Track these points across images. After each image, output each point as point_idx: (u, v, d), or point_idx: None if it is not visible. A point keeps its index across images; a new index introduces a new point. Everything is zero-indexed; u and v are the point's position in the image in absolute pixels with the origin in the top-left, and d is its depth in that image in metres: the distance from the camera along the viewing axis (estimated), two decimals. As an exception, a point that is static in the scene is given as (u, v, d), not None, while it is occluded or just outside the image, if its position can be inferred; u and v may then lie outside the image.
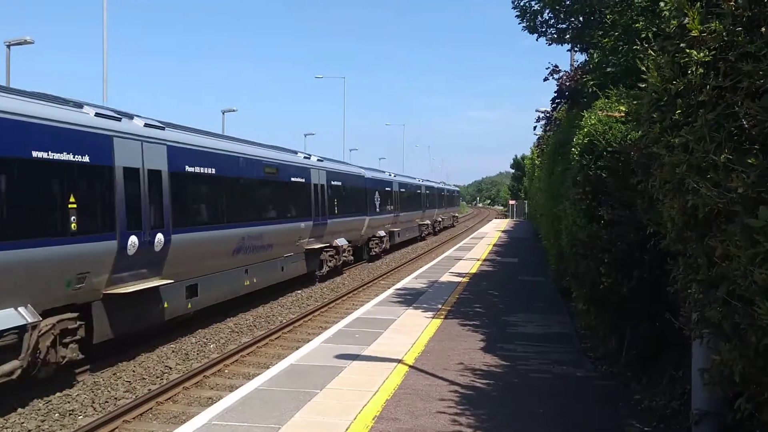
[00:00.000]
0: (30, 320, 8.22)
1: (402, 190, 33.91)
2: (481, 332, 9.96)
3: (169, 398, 8.85)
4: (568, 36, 12.58)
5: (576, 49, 14.69)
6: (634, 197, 6.14)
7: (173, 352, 11.47)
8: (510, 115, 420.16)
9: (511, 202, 78.47)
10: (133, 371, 10.16)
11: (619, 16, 10.63)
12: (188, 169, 12.45)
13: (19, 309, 8.17)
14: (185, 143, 12.54)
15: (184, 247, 11.93)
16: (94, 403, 8.67)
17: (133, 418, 8.05)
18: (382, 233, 27.93)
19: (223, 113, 29.88)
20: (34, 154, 8.56)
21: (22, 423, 7.88)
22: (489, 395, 6.77)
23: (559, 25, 12.44)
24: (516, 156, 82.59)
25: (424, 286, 15.31)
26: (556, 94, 14.87)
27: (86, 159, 9.52)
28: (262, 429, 5.71)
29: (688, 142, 3.59)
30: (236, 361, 10.89)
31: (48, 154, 8.80)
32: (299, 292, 18.78)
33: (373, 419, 5.95)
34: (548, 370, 7.85)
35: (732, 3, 3.45)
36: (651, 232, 5.06)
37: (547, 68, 14.28)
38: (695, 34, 3.60)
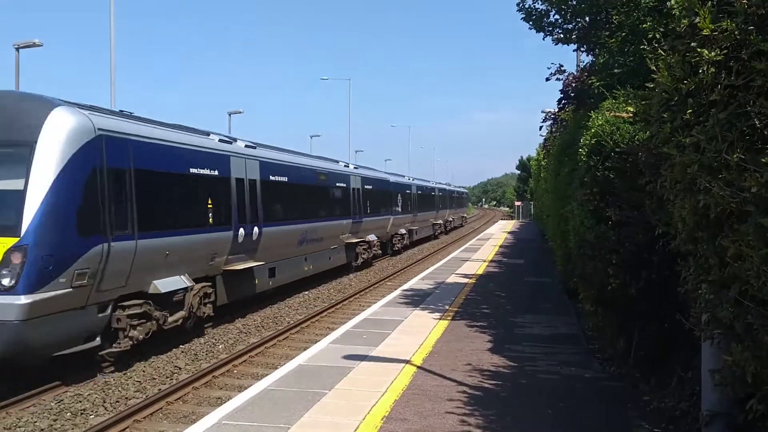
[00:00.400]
0: (189, 284, 11.69)
1: (419, 192, 37.28)
2: (489, 333, 9.96)
3: (179, 398, 8.89)
4: (574, 36, 12.55)
5: (582, 49, 14.66)
6: (643, 198, 6.12)
7: (182, 352, 11.51)
8: (515, 116, 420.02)
9: (517, 203, 78.28)
10: (143, 371, 10.20)
11: (626, 17, 10.61)
12: (272, 178, 15.98)
13: (182, 276, 11.61)
14: (269, 158, 16.25)
15: (270, 238, 15.31)
16: (105, 402, 8.71)
17: (144, 418, 8.08)
18: (403, 231, 31.36)
19: (230, 115, 30.02)
20: (191, 170, 12.17)
21: (35, 422, 7.94)
22: (497, 396, 6.77)
23: (566, 26, 12.42)
24: (522, 157, 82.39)
25: (431, 287, 15.30)
26: (562, 95, 14.85)
27: (216, 173, 13.10)
28: (271, 429, 5.73)
29: (699, 141, 3.58)
30: (245, 361, 10.92)
31: (197, 170, 12.39)
32: (306, 293, 18.83)
33: (381, 419, 5.96)
34: (556, 371, 7.84)
35: (744, 1, 3.44)
36: (660, 232, 5.04)
37: (549, 68, 14.25)
38: (706, 33, 3.59)
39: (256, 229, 14.63)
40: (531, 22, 12.53)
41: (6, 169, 8.85)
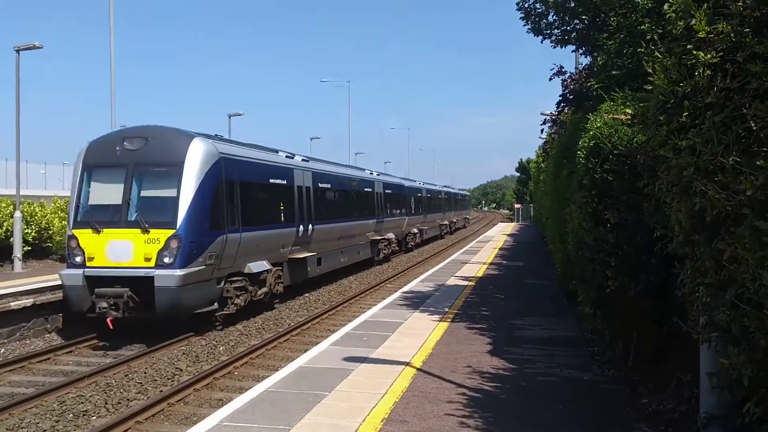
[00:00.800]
0: (269, 267, 15.15)
1: (428, 195, 41.41)
2: (488, 335, 9.97)
3: (180, 399, 8.90)
4: (573, 38, 12.57)
5: (581, 51, 14.69)
6: (641, 200, 6.14)
7: (184, 354, 11.53)
8: (515, 118, 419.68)
9: (517, 205, 78.26)
10: (145, 373, 10.23)
11: (624, 19, 10.63)
12: (319, 185, 19.84)
13: (265, 261, 14.99)
14: (318, 169, 20.34)
15: (319, 233, 19.00)
16: (107, 404, 8.74)
17: (146, 419, 8.10)
18: (415, 230, 35.28)
19: (230, 117, 30.01)
20: (270, 181, 16.12)
21: (38, 423, 7.96)
22: (497, 398, 6.78)
23: (564, 27, 12.42)
24: (521, 159, 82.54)
25: (431, 289, 15.32)
26: (561, 98, 14.86)
27: (284, 182, 16.98)
28: (271, 431, 5.74)
29: (695, 144, 3.59)
30: (246, 363, 10.93)
31: (274, 181, 16.31)
32: (307, 295, 18.85)
33: (381, 421, 5.97)
34: (555, 373, 7.85)
35: (740, 3, 3.46)
36: (658, 235, 5.06)
37: (552, 69, 14.28)
38: (702, 36, 3.60)
39: (310, 226, 18.38)
40: (529, 23, 12.55)
41: (164, 182, 12.53)
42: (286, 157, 18.32)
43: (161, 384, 9.73)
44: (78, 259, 12.32)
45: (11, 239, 16.93)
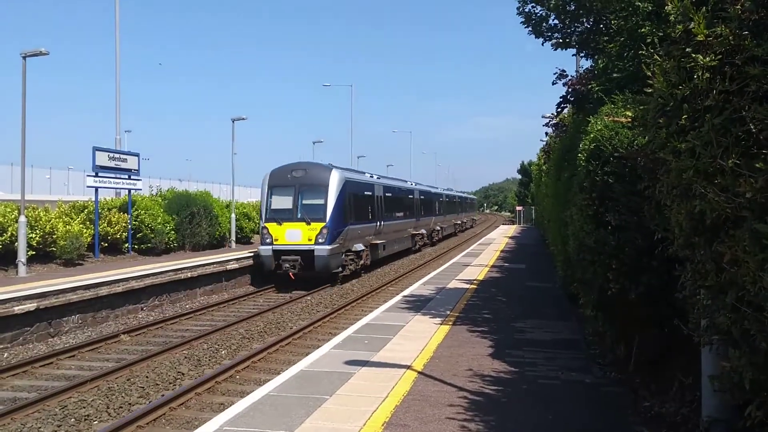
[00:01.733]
0: (363, 248, 23.61)
1: (447, 199, 51.21)
2: (490, 338, 9.95)
3: (182, 404, 8.91)
4: (573, 40, 12.56)
5: (582, 54, 14.67)
6: (642, 203, 6.13)
7: (186, 358, 11.54)
8: (517, 121, 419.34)
9: (518, 208, 78.38)
10: (147, 377, 10.23)
11: (625, 22, 10.62)
12: (386, 194, 28.36)
13: (361, 244, 23.47)
14: (385, 183, 29.20)
15: (386, 228, 27.54)
16: (108, 408, 8.75)
17: (147, 424, 8.10)
18: (438, 227, 43.75)
19: (233, 121, 29.91)
20: (364, 192, 24.91)
21: (39, 428, 7.98)
22: (498, 401, 6.76)
23: (565, 30, 12.41)
24: (523, 162, 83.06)
25: (433, 292, 15.30)
26: (561, 99, 14.84)
27: (370, 193, 25.61)
28: (272, 435, 5.74)
29: (694, 147, 3.59)
30: (247, 367, 10.94)
31: (365, 192, 25.09)
32: (308, 298, 18.85)
33: (382, 425, 5.96)
34: (556, 376, 7.83)
35: (738, 6, 3.46)
36: (659, 237, 5.05)
37: (555, 73, 14.23)
38: (701, 39, 3.60)
39: (382, 222, 27.07)
40: (530, 27, 12.55)
41: (317, 195, 21.23)
42: (369, 175, 27.97)
43: (163, 388, 9.74)
44: (268, 240, 21.18)
45: (16, 244, 16.96)
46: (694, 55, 3.66)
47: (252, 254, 22.46)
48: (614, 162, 7.15)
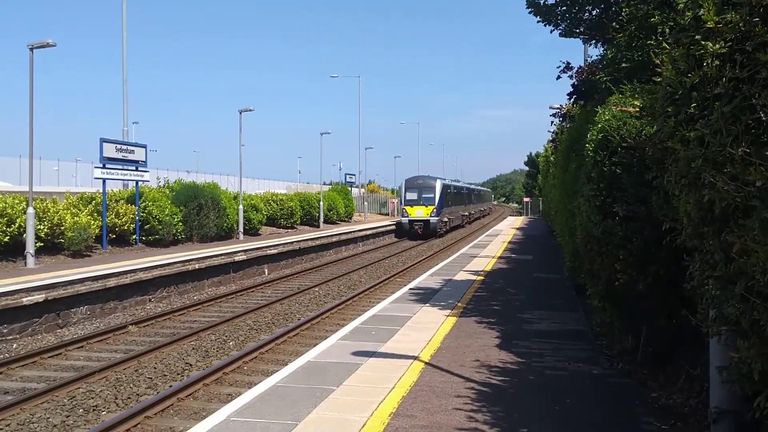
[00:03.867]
0: (448, 219, 45.66)
1: (475, 192, 70.82)
2: (497, 329, 9.94)
3: (190, 395, 8.95)
4: (582, 28, 12.44)
5: (591, 43, 14.52)
6: (650, 193, 6.07)
7: (194, 349, 11.60)
8: (524, 112, 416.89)
9: (526, 199, 78.58)
10: (155, 368, 10.30)
11: (635, 10, 10.50)
12: (453, 191, 50.46)
13: (447, 217, 45.22)
14: (454, 184, 56.01)
15: (449, 213, 45.70)
16: (116, 399, 8.81)
17: (155, 414, 8.15)
18: (470, 212, 59.43)
19: (240, 113, 29.92)
20: (446, 191, 45.77)
21: (48, 418, 8.04)
22: (505, 392, 6.76)
23: (574, 17, 12.25)
24: (530, 153, 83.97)
25: (440, 283, 15.30)
26: (572, 89, 14.71)
27: (453, 191, 50.43)
28: (279, 425, 5.76)
29: (703, 135, 3.53)
30: (255, 358, 10.98)
31: (448, 190, 46.73)
32: (316, 289, 18.91)
33: (389, 416, 5.97)
34: (564, 367, 7.81)
35: (749, -8, 3.40)
36: (667, 227, 5.01)
37: (558, 67, 14.09)
38: (711, 26, 3.54)
39: (445, 209, 43.55)
40: (539, 15, 12.44)
41: (430, 192, 41.91)
42: (451, 180, 54.87)
43: (171, 379, 9.80)
44: (405, 215, 41.47)
45: (24, 235, 17.08)
46: (703, 43, 3.60)
47: (265, 245, 22.65)
48: (622, 152, 7.09)
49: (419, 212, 40.81)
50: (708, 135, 3.51)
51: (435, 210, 40.89)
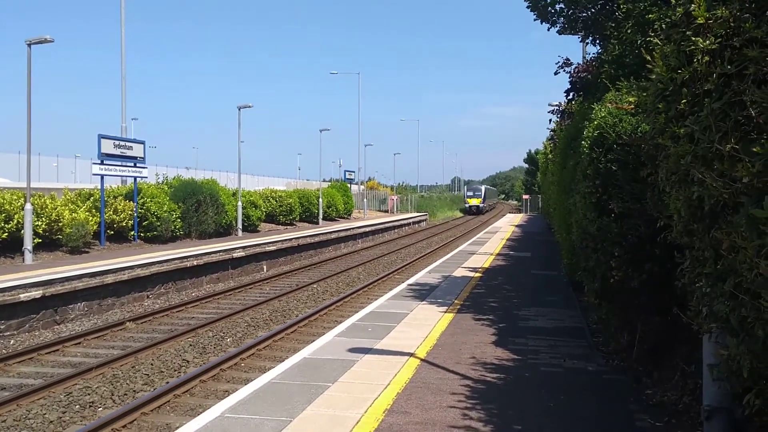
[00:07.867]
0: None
1: (492, 191, 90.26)
2: (494, 326, 9.95)
3: (187, 391, 8.96)
4: (580, 25, 12.43)
5: (588, 41, 14.51)
6: (645, 190, 6.07)
7: (191, 345, 11.61)
8: (523, 110, 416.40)
9: (525, 196, 78.79)
10: (152, 364, 10.31)
11: (632, 7, 10.50)
12: (487, 190, 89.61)
13: (489, 207, 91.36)
14: (489, 187, 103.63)
15: (488, 201, 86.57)
16: (113, 395, 8.82)
17: (151, 410, 8.16)
18: (493, 202, 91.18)
19: (239, 109, 29.90)
20: (488, 190, 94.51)
21: (44, 414, 8.05)
22: (500, 389, 6.77)
23: (571, 14, 12.25)
24: (529, 150, 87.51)
25: (438, 280, 15.30)
26: (570, 86, 14.70)
27: (491, 190, 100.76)
28: (273, 422, 5.76)
29: (693, 132, 3.53)
30: (252, 354, 10.99)
31: (488, 190, 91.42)
32: (314, 286, 18.92)
33: (383, 412, 5.98)
34: (559, 364, 7.82)
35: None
36: (661, 225, 5.00)
37: (557, 63, 14.08)
38: (701, 22, 3.54)
39: (486, 200, 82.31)
40: (536, 12, 12.43)
41: (479, 193, 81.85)
42: (490, 184, 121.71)
43: (168, 375, 9.81)
44: (467, 203, 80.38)
45: (22, 231, 17.08)
46: (694, 39, 3.60)
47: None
48: (618, 149, 7.09)
49: (474, 201, 78.26)
50: (698, 131, 3.51)
51: (482, 200, 78.35)
